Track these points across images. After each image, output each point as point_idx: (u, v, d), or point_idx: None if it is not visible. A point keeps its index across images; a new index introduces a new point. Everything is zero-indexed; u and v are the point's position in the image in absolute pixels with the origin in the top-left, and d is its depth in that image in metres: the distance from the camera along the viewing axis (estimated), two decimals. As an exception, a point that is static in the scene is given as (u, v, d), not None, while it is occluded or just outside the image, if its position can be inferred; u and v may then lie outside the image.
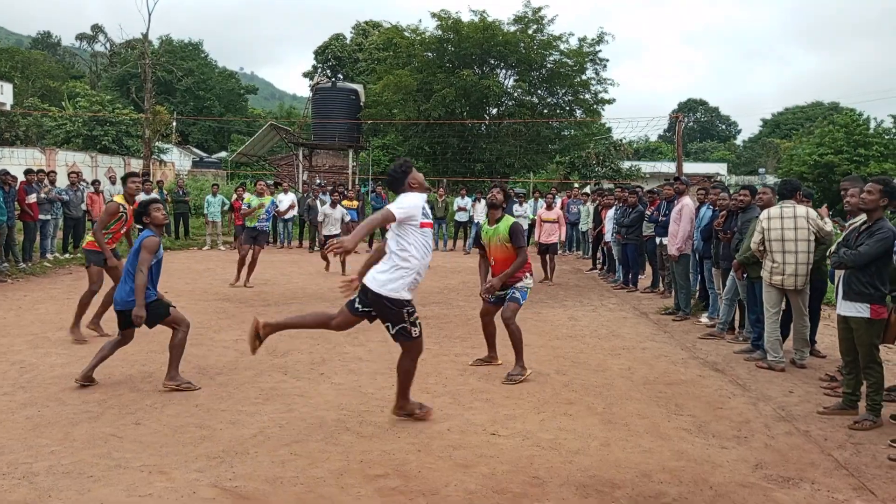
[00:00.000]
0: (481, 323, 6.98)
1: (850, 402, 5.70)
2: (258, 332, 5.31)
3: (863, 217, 5.74)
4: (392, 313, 4.99)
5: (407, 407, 5.29)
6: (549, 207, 14.30)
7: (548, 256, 13.80)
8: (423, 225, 5.00)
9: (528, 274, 6.66)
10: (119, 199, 8.00)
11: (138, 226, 6.25)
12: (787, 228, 6.89)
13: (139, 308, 5.77)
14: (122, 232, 8.06)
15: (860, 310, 5.45)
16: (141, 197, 8.66)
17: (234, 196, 18.32)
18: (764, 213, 7.11)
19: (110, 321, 7.19)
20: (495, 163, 30.10)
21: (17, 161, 24.22)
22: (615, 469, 4.45)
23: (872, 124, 34.12)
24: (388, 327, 5.07)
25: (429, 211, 5.12)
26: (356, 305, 5.15)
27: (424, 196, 5.11)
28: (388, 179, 5.27)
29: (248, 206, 12.50)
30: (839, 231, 6.89)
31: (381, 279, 4.97)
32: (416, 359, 5.22)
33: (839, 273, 5.68)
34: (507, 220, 6.54)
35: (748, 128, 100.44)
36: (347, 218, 15.30)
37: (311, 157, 31.15)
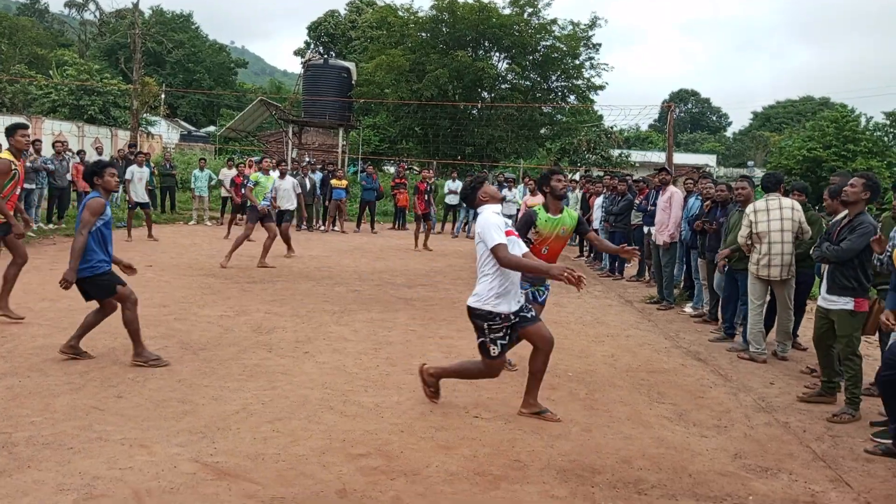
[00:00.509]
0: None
1: (828, 389, 5.85)
2: (424, 378, 5.22)
3: (845, 212, 5.80)
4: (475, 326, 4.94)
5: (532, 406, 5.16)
6: (534, 193, 14.28)
7: None
8: (507, 234, 4.83)
9: None
10: (6, 155, 7.10)
11: (87, 188, 6.04)
12: (773, 220, 6.93)
13: (69, 272, 5.56)
14: (16, 193, 7.28)
15: (844, 303, 5.54)
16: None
17: (236, 172, 18.14)
18: (750, 207, 7.16)
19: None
20: (486, 147, 30.03)
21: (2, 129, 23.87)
22: (596, 454, 4.49)
23: (863, 121, 34.30)
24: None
25: (506, 220, 4.99)
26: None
27: (499, 207, 5.00)
28: (462, 196, 5.29)
29: (255, 184, 12.25)
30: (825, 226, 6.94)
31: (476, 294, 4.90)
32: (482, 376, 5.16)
33: (825, 266, 5.75)
34: (571, 211, 6.12)
35: (739, 120, 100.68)
36: (299, 189, 14.43)
37: (301, 135, 30.93)
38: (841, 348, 5.66)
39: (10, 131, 7.15)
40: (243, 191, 14.07)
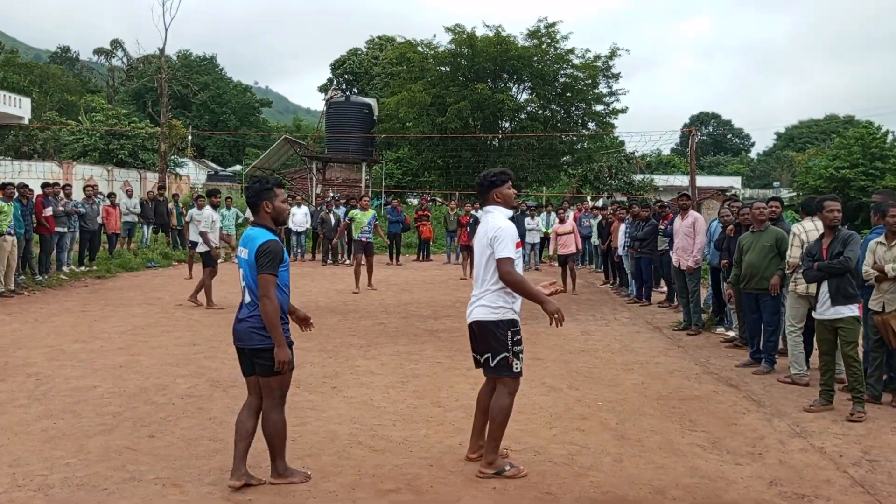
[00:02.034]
0: None
1: (829, 398, 6.17)
2: (493, 472, 4.48)
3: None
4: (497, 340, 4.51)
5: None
6: (562, 221, 14.49)
7: (568, 267, 14.02)
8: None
9: None
10: None
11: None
12: None
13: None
14: None
15: (851, 310, 6.03)
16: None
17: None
18: (799, 228, 7.23)
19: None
20: (508, 176, 30.12)
21: (36, 175, 24.49)
22: (628, 485, 4.43)
23: (890, 138, 33.86)
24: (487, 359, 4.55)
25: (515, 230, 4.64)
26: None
27: (509, 213, 4.71)
28: (479, 182, 4.78)
29: (351, 220, 14.04)
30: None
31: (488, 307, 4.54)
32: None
33: (823, 284, 6.16)
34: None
35: (762, 141, 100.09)
36: (219, 224, 13.26)
37: (325, 171, 31.32)
38: (844, 356, 6.07)
39: None
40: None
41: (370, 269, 13.85)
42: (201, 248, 11.59)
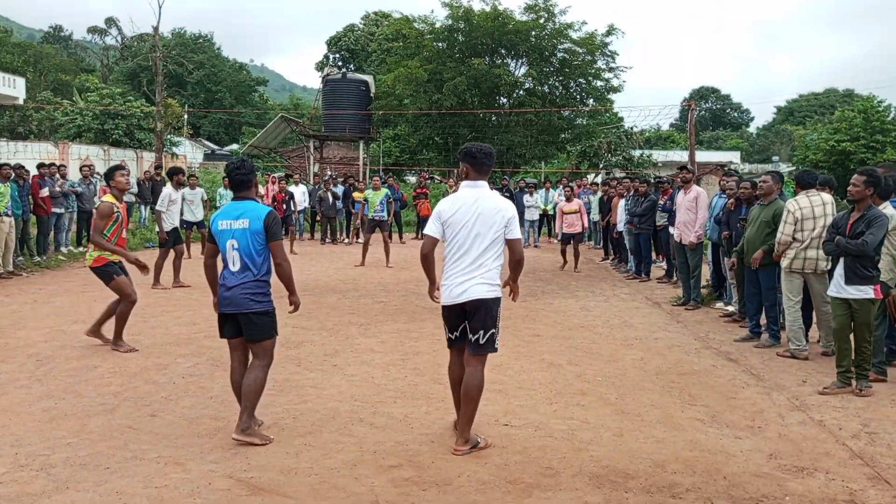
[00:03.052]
0: None
1: (846, 380, 5.98)
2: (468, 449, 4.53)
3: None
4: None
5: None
6: (569, 199, 14.34)
7: (571, 245, 14.10)
8: None
9: None
10: (109, 198, 7.13)
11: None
12: (819, 217, 6.93)
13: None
14: (123, 237, 7.24)
15: (866, 291, 5.83)
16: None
17: (278, 189, 18.13)
18: (794, 204, 7.08)
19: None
20: (507, 153, 30.02)
21: (32, 155, 24.37)
22: (628, 459, 4.45)
23: (893, 112, 33.67)
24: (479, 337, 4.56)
25: None
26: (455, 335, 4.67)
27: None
28: (483, 155, 4.62)
29: (366, 200, 14.38)
30: None
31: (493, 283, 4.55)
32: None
33: (841, 259, 5.98)
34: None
35: (761, 115, 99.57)
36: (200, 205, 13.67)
37: (322, 149, 31.18)
38: (857, 336, 5.93)
39: (110, 174, 7.14)
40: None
41: (386, 246, 14.09)
42: (160, 228, 11.04)
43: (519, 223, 4.62)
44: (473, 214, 4.50)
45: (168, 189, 11.44)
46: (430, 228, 4.65)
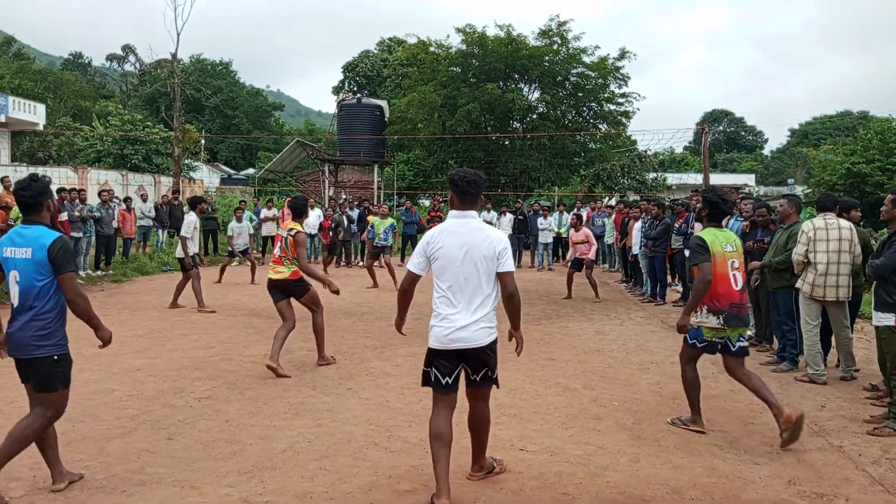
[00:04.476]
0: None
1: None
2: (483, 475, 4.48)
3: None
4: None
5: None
6: (577, 228, 13.82)
7: (585, 274, 13.22)
8: None
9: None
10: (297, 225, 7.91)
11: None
12: (832, 240, 6.85)
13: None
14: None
15: (887, 319, 5.54)
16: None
17: (280, 210, 18.84)
18: (808, 225, 7.03)
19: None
20: (520, 176, 30.14)
21: (52, 180, 24.68)
22: (645, 485, 4.42)
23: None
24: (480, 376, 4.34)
25: None
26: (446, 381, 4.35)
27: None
28: (473, 184, 4.23)
29: (372, 227, 14.93)
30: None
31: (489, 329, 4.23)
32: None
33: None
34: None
35: (775, 138, 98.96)
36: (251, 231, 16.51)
37: (337, 173, 31.43)
38: (889, 367, 5.58)
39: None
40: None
41: (391, 271, 14.19)
42: (186, 253, 11.17)
43: (533, 247, 4.48)
44: (461, 248, 4.13)
45: (193, 217, 11.67)
46: (414, 263, 4.33)
